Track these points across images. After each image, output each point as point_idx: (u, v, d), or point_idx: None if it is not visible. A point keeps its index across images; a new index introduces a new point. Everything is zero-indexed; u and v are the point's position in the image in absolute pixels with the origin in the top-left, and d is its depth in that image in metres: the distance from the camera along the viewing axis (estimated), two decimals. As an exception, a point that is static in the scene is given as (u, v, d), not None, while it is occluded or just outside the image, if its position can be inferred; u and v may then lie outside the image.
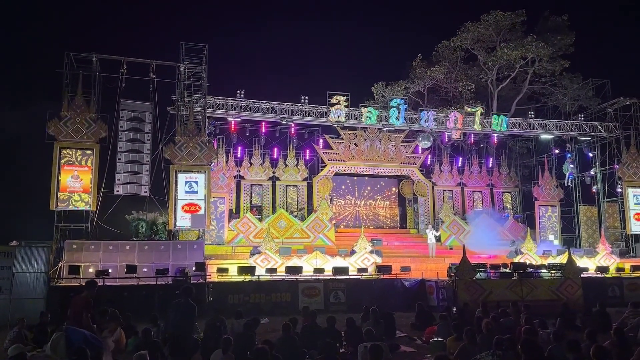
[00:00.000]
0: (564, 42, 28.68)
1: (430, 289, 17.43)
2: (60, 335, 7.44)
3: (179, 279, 16.75)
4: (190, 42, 20.85)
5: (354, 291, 17.25)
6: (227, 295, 16.29)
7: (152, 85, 20.39)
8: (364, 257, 19.44)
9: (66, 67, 19.41)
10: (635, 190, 25.12)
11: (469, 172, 28.46)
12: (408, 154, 27.29)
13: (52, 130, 18.53)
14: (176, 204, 19.68)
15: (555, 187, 26.75)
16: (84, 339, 7.38)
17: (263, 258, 18.57)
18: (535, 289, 16.01)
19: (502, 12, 28.39)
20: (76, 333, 7.51)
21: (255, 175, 25.20)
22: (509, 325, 10.14)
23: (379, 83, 29.61)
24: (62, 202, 18.48)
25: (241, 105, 22.75)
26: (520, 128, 26.07)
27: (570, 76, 29.04)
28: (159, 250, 18.34)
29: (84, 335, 7.53)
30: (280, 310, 15.55)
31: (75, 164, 18.80)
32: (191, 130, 20.17)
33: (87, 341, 7.36)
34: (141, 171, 20.13)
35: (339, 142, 26.30)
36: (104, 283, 15.68)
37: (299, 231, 23.16)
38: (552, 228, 26.50)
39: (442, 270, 17.68)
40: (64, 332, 7.51)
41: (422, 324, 12.44)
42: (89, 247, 17.67)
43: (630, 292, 19.02)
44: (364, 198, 27.89)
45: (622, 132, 26.07)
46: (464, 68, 30.23)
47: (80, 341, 7.26)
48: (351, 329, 9.70)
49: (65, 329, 7.61)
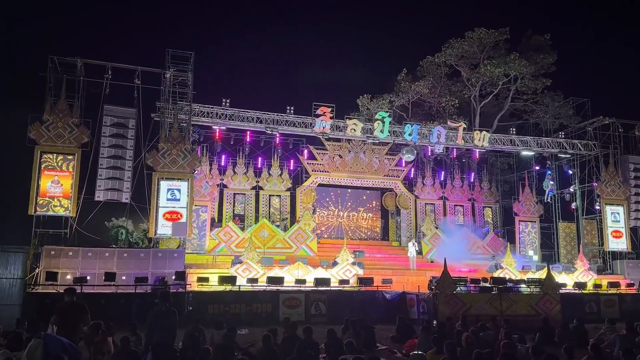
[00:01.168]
0: (546, 61, 29.28)
1: (411, 301, 17.48)
2: (38, 343, 7.26)
3: (158, 287, 16.57)
4: (176, 50, 20.82)
5: (336, 303, 17.22)
6: (207, 305, 16.15)
7: (136, 92, 20.22)
8: (346, 269, 19.45)
9: (50, 70, 19.21)
10: (613, 208, 25.57)
11: (451, 186, 28.71)
12: (391, 166, 27.46)
13: (34, 134, 18.30)
14: (157, 212, 19.50)
15: (535, 203, 27.12)
16: (62, 348, 7.22)
17: (244, 268, 18.47)
18: (514, 303, 16.16)
19: (486, 29, 28.92)
20: (55, 341, 7.35)
21: (238, 184, 25.10)
22: (488, 339, 10.20)
23: (364, 96, 29.84)
24: (41, 207, 18.19)
25: (226, 114, 22.70)
26: (502, 144, 26.42)
27: (552, 94, 29.60)
28: (139, 258, 18.14)
29: (62, 343, 7.37)
30: (260, 321, 15.45)
31: (56, 168, 18.56)
32: (175, 137, 20.06)
33: (65, 350, 7.21)
34: (123, 177, 19.88)
35: (324, 153, 26.36)
36: (81, 290, 15.44)
37: (282, 241, 23.09)
38: (532, 243, 26.82)
39: (423, 283, 17.76)
40: (43, 339, 7.33)
41: (402, 337, 12.44)
42: (68, 253, 17.42)
43: (607, 308, 19.32)
44: (347, 209, 27.94)
45: (601, 150, 26.56)
46: (448, 83, 30.65)
47: (58, 350, 7.10)
48: (332, 340, 9.67)
49: (44, 336, 7.44)
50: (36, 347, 7.17)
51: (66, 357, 6.52)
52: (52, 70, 19.32)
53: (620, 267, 24.32)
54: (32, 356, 7.11)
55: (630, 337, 10.22)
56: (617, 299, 19.94)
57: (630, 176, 26.16)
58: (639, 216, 26.06)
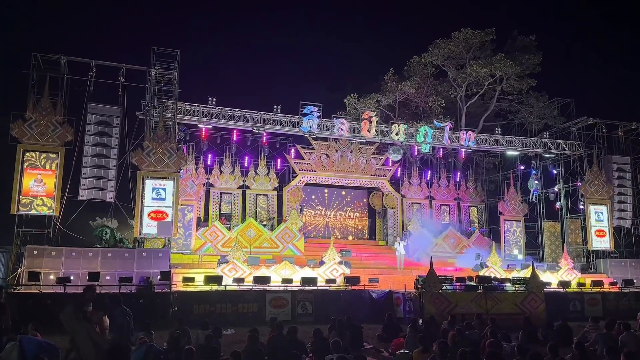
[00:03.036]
0: (531, 62, 29.57)
1: (397, 300, 17.52)
2: (13, 345, 7.16)
3: (143, 287, 16.42)
4: (162, 47, 20.61)
5: (322, 302, 17.19)
6: (193, 305, 16.02)
7: (121, 90, 19.95)
8: (333, 268, 19.42)
9: (33, 68, 18.91)
10: (596, 207, 25.86)
11: (437, 186, 28.83)
12: (378, 166, 27.50)
13: (16, 132, 18.00)
14: (142, 211, 19.31)
15: (520, 203, 27.34)
16: (38, 347, 7.15)
17: (231, 267, 18.34)
18: (499, 302, 16.27)
19: (473, 30, 29.12)
20: (30, 342, 7.27)
21: (225, 183, 24.95)
22: (474, 338, 10.25)
23: (351, 95, 29.90)
24: (23, 206, 17.92)
25: (213, 113, 22.55)
26: (487, 144, 26.59)
27: (537, 95, 29.90)
28: (123, 258, 17.91)
29: (38, 343, 7.31)
30: (246, 321, 15.34)
31: (39, 167, 18.29)
32: (160, 136, 19.88)
33: (41, 348, 7.14)
34: (107, 176, 19.60)
35: (311, 152, 26.32)
36: (64, 290, 15.26)
37: (268, 241, 23.00)
38: (517, 242, 27.03)
39: (410, 282, 17.78)
40: (18, 341, 7.23)
41: (388, 336, 12.46)
42: (51, 253, 17.14)
43: (590, 306, 19.55)
44: (334, 209, 27.94)
45: (585, 150, 26.85)
46: (434, 83, 30.81)
47: (34, 350, 7.03)
48: (318, 340, 9.65)
49: (19, 338, 7.34)
50: (10, 350, 7.08)
51: (44, 356, 6.45)
52: (36, 68, 18.99)
53: (603, 266, 24.60)
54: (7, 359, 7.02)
55: (609, 335, 10.32)
56: (600, 297, 20.17)
57: (614, 176, 26.50)
58: (622, 215, 26.39)
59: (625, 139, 27.24)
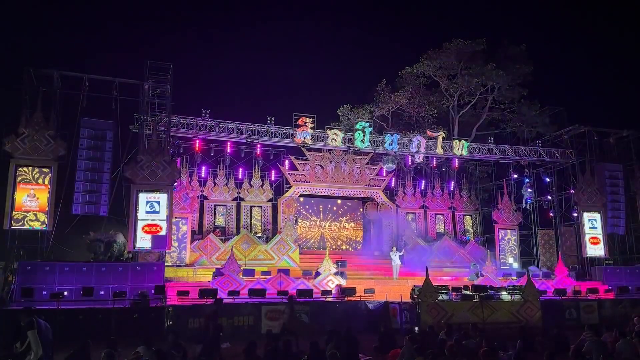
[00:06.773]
0: (522, 71, 29.84)
1: (393, 311, 17.45)
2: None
3: (137, 302, 16.28)
4: (155, 61, 20.63)
5: (318, 314, 17.11)
6: (187, 319, 15.88)
7: (114, 103, 19.93)
8: (329, 279, 19.37)
9: (26, 83, 18.88)
10: (590, 215, 25.95)
11: (431, 195, 28.89)
12: (372, 176, 27.54)
13: (9, 147, 17.93)
14: (136, 225, 19.19)
15: (514, 211, 27.41)
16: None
17: (226, 280, 18.25)
18: (495, 311, 16.27)
19: (464, 40, 29.36)
20: None
21: (219, 195, 24.89)
22: (471, 347, 10.22)
23: (344, 106, 30.05)
24: (16, 221, 17.80)
25: (206, 125, 22.56)
26: (480, 153, 26.73)
27: (528, 103, 30.12)
28: (117, 272, 17.79)
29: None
30: (242, 335, 15.22)
31: (32, 182, 18.20)
32: (154, 149, 19.83)
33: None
34: (100, 190, 19.49)
35: (305, 163, 26.34)
36: (58, 307, 15.11)
37: (263, 252, 22.92)
38: (512, 251, 27.07)
39: (406, 292, 17.74)
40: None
41: (385, 347, 12.38)
42: (44, 268, 17.00)
43: (586, 314, 19.56)
44: (329, 219, 27.91)
45: (577, 158, 27.00)
46: (427, 94, 31.01)
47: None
48: (315, 352, 9.59)
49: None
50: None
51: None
52: (28, 82, 18.97)
53: (598, 273, 24.63)
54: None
55: (600, 342, 10.29)
56: (596, 304, 20.18)
57: (606, 183, 26.59)
58: (615, 223, 26.46)
59: (616, 146, 27.43)
